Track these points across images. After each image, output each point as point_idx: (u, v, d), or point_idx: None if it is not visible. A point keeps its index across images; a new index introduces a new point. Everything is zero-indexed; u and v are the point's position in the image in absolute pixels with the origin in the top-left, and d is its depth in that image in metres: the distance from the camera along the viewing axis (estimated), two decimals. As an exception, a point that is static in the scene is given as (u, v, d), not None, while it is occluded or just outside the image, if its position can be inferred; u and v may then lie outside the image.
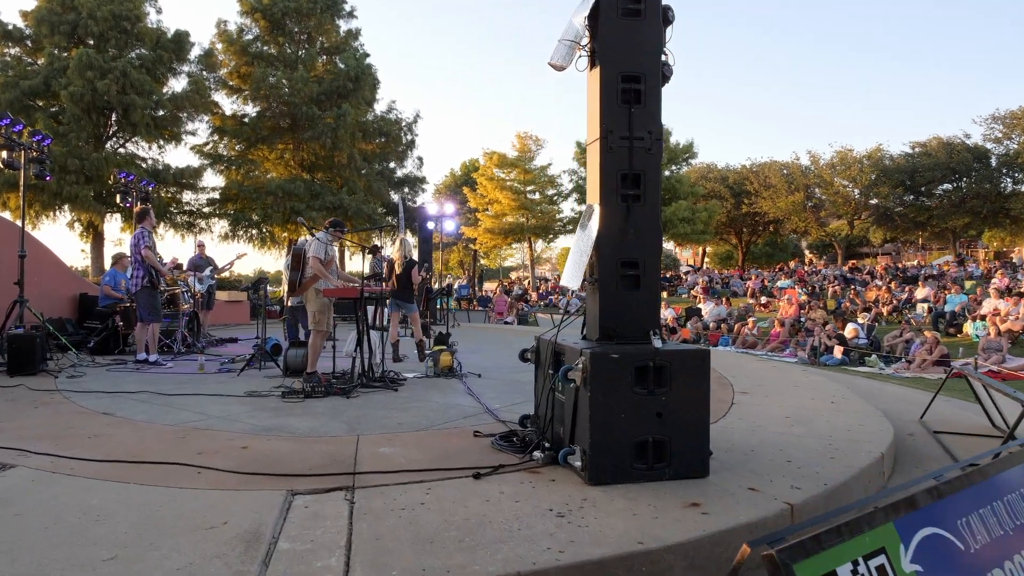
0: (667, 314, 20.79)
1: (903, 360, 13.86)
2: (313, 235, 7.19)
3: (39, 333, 7.60)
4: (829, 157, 37.73)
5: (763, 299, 24.50)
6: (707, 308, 21.20)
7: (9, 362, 7.41)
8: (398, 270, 9.59)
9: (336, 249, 7.49)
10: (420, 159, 28.64)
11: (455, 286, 27.78)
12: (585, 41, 4.21)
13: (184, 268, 11.61)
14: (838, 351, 14.15)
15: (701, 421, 3.85)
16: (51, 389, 6.56)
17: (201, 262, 11.73)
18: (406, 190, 29.15)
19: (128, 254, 11.74)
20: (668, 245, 46.14)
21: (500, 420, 5.31)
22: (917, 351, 13.46)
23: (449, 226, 19.16)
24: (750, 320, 18.23)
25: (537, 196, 35.91)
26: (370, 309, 8.05)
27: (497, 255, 51.39)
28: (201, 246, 11.82)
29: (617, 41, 4.13)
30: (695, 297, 27.46)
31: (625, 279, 4.13)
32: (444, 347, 8.29)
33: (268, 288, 23.33)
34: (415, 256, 9.95)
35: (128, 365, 8.49)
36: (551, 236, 39.56)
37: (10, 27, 20.28)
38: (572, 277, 4.18)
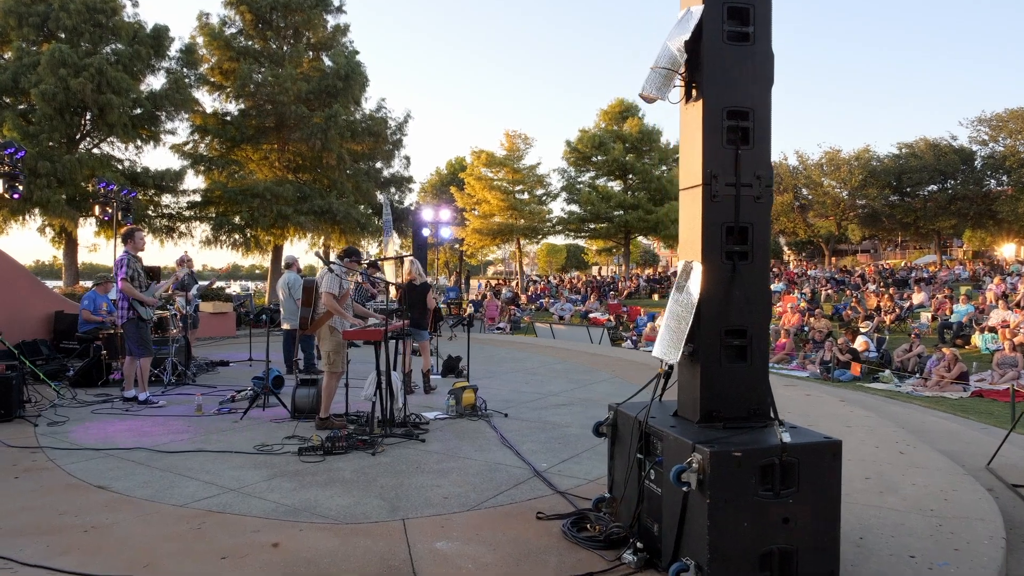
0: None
1: (918, 376, 13.48)
2: (330, 268, 6.48)
3: (16, 374, 6.80)
4: (818, 158, 37.56)
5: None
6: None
7: (-18, 408, 6.61)
8: (395, 293, 8.89)
9: (351, 282, 6.79)
10: (407, 158, 27.76)
11: (443, 289, 27.00)
12: (682, 70, 3.58)
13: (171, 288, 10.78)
14: (855, 368, 13.71)
15: (831, 527, 3.25)
16: (33, 446, 5.79)
17: (189, 281, 10.91)
18: (392, 190, 28.31)
19: (110, 278, 10.92)
20: (646, 242, 45.88)
21: (559, 491, 4.68)
22: (935, 368, 13.05)
23: (445, 232, 18.43)
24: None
25: (526, 196, 35.26)
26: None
27: (479, 252, 50.68)
28: (188, 262, 10.98)
29: (722, 70, 3.50)
30: (688, 301, 26.99)
31: (730, 350, 3.53)
32: (466, 383, 7.63)
33: (251, 297, 22.36)
34: (423, 274, 9.23)
35: (115, 403, 7.71)
36: (540, 236, 38.98)
37: (-25, 19, 19.08)
38: (670, 348, 3.55)
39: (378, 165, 26.92)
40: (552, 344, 16.95)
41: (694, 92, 3.59)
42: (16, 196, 8.17)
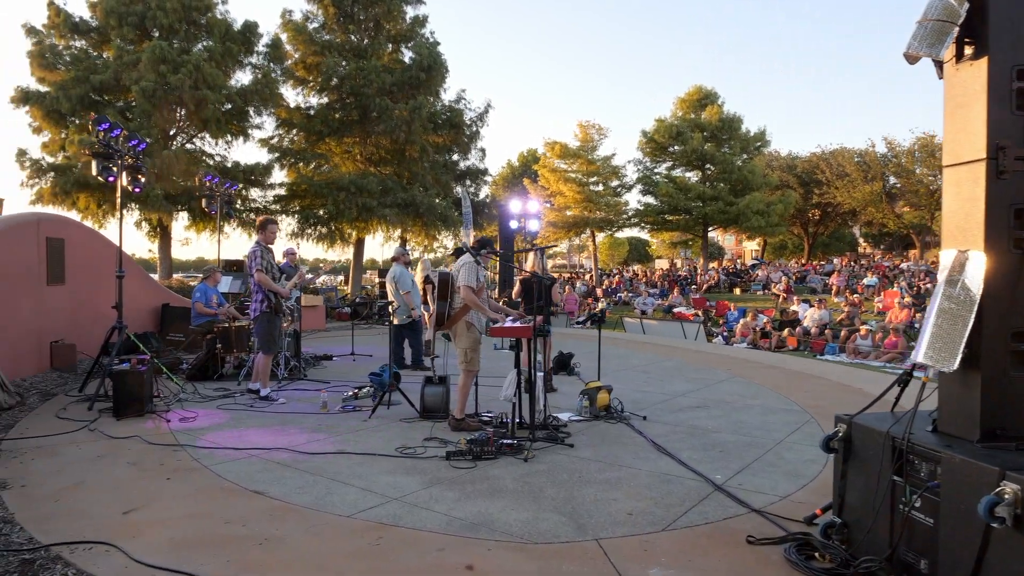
0: (761, 320, 19.38)
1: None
2: (474, 256, 6.10)
3: (147, 369, 6.68)
4: (909, 144, 35.55)
5: (852, 297, 22.88)
6: (804, 310, 19.73)
7: (115, 403, 6.50)
8: (517, 287, 8.50)
9: (486, 273, 6.41)
10: (483, 150, 27.46)
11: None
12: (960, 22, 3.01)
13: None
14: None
15: None
16: (172, 444, 5.61)
17: (292, 271, 10.78)
18: (468, 182, 28.07)
19: (218, 268, 10.89)
20: (713, 235, 44.34)
21: (754, 510, 4.17)
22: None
23: (533, 225, 17.96)
24: (863, 328, 16.75)
25: (601, 188, 34.51)
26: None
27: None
28: (292, 253, 10.85)
29: (1009, 22, 2.93)
30: (777, 296, 25.92)
31: (1018, 356, 2.96)
32: (599, 383, 7.17)
33: (335, 287, 22.46)
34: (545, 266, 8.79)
35: (237, 398, 7.56)
36: (615, 229, 38.17)
37: (77, 19, 19.61)
38: (942, 353, 2.99)
39: (454, 157, 26.72)
40: (646, 340, 16.35)
41: (969, 50, 3.03)
42: (138, 190, 8.07)
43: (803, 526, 3.89)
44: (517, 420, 5.98)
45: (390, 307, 8.21)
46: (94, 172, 7.51)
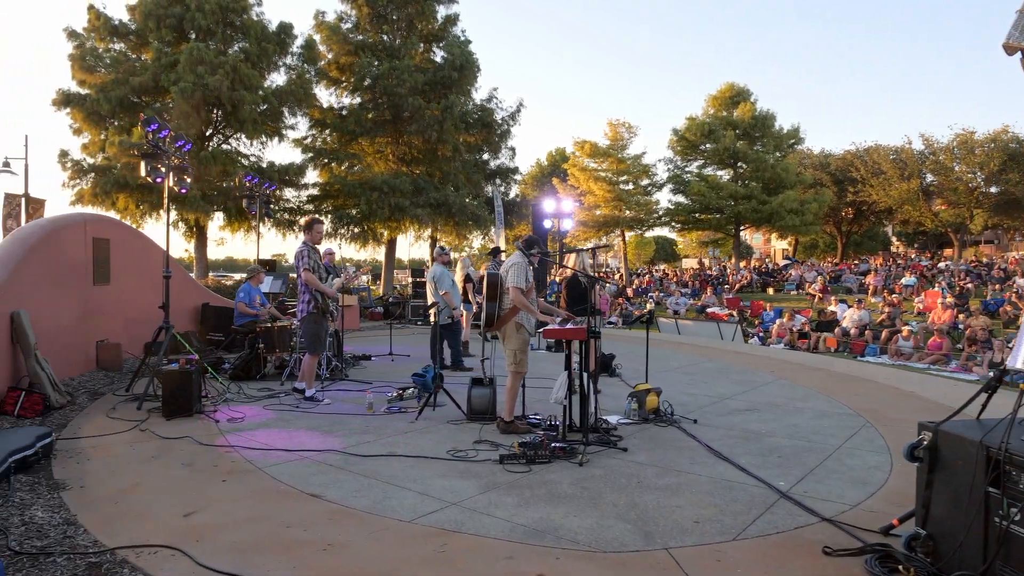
0: (798, 321, 19.04)
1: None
2: (525, 254, 6.02)
3: (194, 368, 6.70)
4: (947, 141, 34.72)
5: (891, 297, 22.38)
6: (842, 311, 19.35)
7: (165, 403, 6.53)
8: (557, 286, 8.42)
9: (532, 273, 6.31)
10: (513, 149, 27.32)
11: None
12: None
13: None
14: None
15: None
16: (223, 445, 5.60)
17: (332, 271, 10.79)
18: (497, 181, 28.01)
19: (262, 269, 10.94)
20: (741, 234, 43.77)
21: (825, 519, 4.03)
22: None
23: (567, 224, 17.89)
24: (905, 329, 16.36)
25: (631, 187, 34.21)
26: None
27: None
28: (331, 254, 10.86)
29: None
30: (812, 296, 25.48)
31: None
32: (648, 385, 7.04)
33: (368, 287, 22.51)
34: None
35: (282, 398, 7.57)
36: (645, 228, 37.82)
37: (116, 22, 19.89)
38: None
39: (485, 157, 26.67)
40: (682, 340, 16.16)
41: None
42: (184, 191, 8.10)
43: (880, 537, 3.75)
44: (567, 423, 5.90)
45: (433, 308, 8.13)
46: (142, 173, 7.56)
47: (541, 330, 7.65)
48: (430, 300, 10.09)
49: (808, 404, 7.75)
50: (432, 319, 9.55)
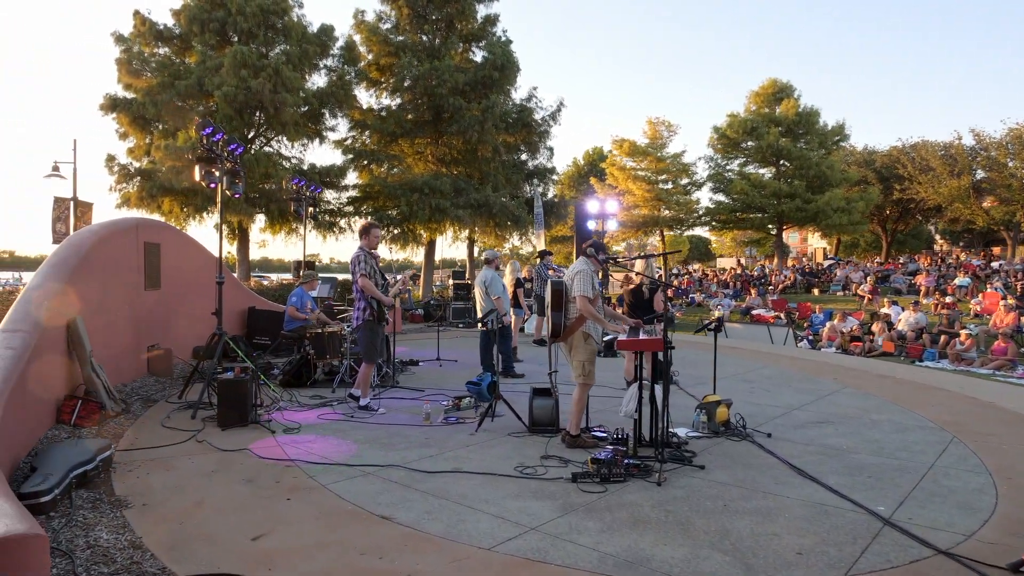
0: (850, 324, 18.43)
1: None
2: (606, 268, 5.76)
3: (249, 377, 6.55)
4: (1000, 136, 33.53)
5: (946, 299, 21.58)
6: (896, 313, 18.68)
7: (220, 413, 6.39)
8: (625, 292, 8.12)
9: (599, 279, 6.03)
10: (551, 149, 26.98)
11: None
12: None
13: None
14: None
15: None
16: (282, 458, 5.42)
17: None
18: (535, 182, 27.70)
19: (316, 275, 10.83)
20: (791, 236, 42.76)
21: (942, 552, 3.69)
22: None
23: (612, 225, 17.54)
24: (963, 333, 15.68)
25: (670, 186, 33.71)
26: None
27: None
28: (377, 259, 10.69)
29: None
30: (861, 297, 24.73)
31: None
32: (717, 396, 6.72)
33: (408, 291, 22.45)
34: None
35: (335, 407, 7.40)
36: (684, 228, 37.27)
37: (161, 27, 20.07)
38: None
39: (523, 157, 26.41)
40: (731, 345, 15.68)
41: None
42: (238, 195, 7.98)
43: (1007, 574, 3.41)
44: (637, 437, 5.61)
45: (491, 316, 7.91)
46: (196, 178, 7.46)
47: (607, 339, 7.42)
48: (479, 305, 9.88)
49: (884, 416, 7.34)
50: (485, 326, 9.31)
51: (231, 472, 5.08)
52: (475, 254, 31.12)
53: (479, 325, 9.78)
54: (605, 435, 6.13)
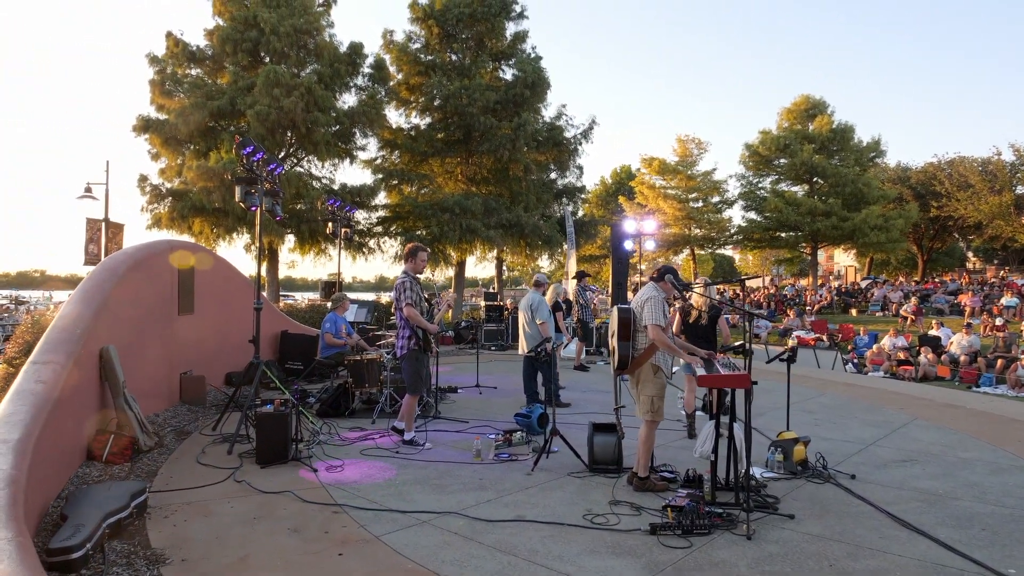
0: (896, 342, 17.68)
1: None
2: (682, 294, 5.30)
3: (289, 410, 6.16)
4: (1043, 151, 32.57)
5: (995, 320, 20.72)
6: (946, 335, 17.92)
7: (259, 450, 6.00)
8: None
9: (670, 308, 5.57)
10: (580, 168, 26.61)
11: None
12: None
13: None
14: None
15: None
16: (329, 503, 4.99)
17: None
18: (565, 200, 27.31)
19: (346, 296, 10.47)
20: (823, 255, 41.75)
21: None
22: None
23: (650, 245, 17.05)
24: (1023, 357, 14.92)
25: (701, 204, 33.13)
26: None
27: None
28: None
29: None
30: (904, 319, 23.90)
31: None
32: (793, 433, 6.20)
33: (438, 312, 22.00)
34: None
35: (377, 440, 6.98)
36: (716, 247, 36.59)
37: (194, 48, 20.10)
38: None
39: (552, 175, 26.06)
40: (776, 369, 15.02)
41: None
42: (278, 219, 7.65)
43: None
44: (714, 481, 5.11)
45: (547, 345, 7.49)
46: (236, 198, 7.13)
47: (687, 373, 6.99)
48: (522, 330, 9.43)
49: (972, 454, 6.75)
50: (536, 353, 8.74)
51: (275, 519, 4.66)
52: (503, 274, 30.73)
53: (525, 350, 9.32)
54: (674, 475, 5.65)
